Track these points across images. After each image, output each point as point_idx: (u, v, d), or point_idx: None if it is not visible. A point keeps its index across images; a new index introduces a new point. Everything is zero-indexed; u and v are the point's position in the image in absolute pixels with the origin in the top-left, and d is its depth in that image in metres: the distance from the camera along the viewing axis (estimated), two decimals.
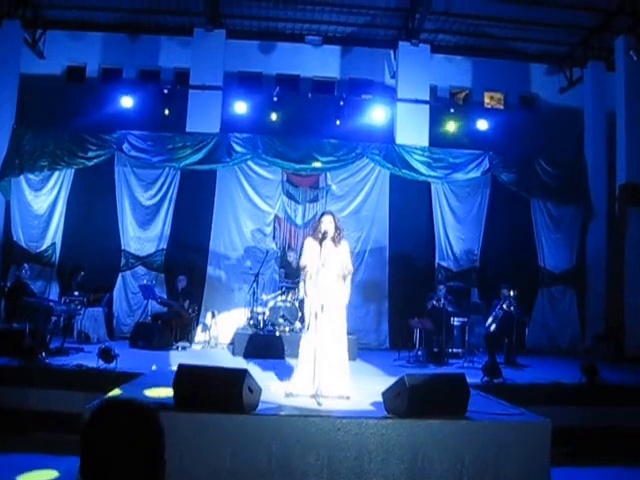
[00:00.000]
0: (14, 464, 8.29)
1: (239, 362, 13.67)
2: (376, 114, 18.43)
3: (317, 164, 18.33)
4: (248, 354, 14.66)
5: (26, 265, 15.71)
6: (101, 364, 11.40)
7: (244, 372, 7.38)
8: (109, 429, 2.46)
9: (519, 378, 12.55)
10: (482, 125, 18.54)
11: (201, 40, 19.11)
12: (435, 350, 14.95)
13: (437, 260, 18.87)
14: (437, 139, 18.93)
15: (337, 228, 9.41)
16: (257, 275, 16.59)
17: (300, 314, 15.02)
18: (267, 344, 14.91)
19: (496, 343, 14.77)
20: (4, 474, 7.86)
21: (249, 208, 18.57)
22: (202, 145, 18.01)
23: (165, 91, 18.07)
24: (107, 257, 18.08)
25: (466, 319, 16.10)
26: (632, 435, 10.47)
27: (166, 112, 17.87)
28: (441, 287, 16.21)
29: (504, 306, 14.96)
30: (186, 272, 17.41)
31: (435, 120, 18.99)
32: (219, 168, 18.43)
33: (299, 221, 18.52)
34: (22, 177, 18.02)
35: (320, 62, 20.26)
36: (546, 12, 18.25)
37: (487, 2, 18.00)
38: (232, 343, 15.93)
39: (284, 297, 16.03)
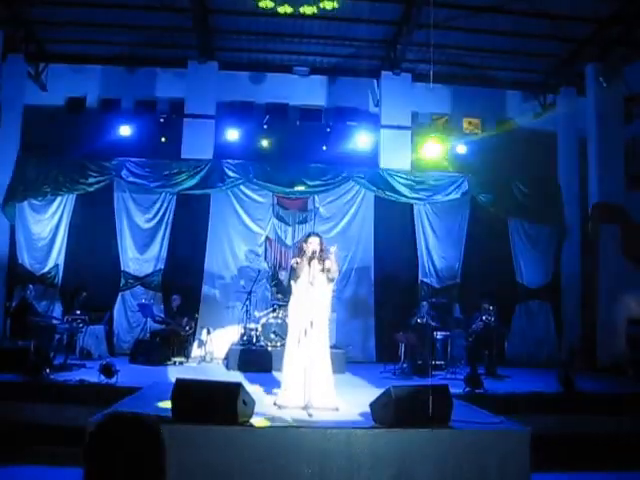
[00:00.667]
0: (19, 476, 8.26)
1: (233, 376, 13.63)
2: (361, 140, 18.54)
3: (305, 188, 18.39)
4: (242, 368, 14.66)
5: (31, 286, 15.75)
6: (102, 379, 11.40)
7: (239, 386, 7.37)
8: (112, 441, 2.46)
9: (499, 388, 12.59)
10: (461, 149, 18.69)
11: (195, 72, 19.20)
12: (419, 363, 14.91)
13: (420, 277, 18.91)
14: (419, 163, 19.04)
15: (322, 249, 9.43)
16: (250, 293, 16.62)
17: None
18: (260, 359, 14.90)
19: (477, 355, 14.80)
20: None
21: (242, 230, 18.60)
22: (196, 171, 18.05)
23: (161, 120, 18.23)
24: (107, 277, 18.07)
25: (448, 333, 16.11)
26: (607, 441, 10.48)
27: (162, 140, 17.97)
28: (424, 304, 16.31)
29: (483, 318, 15.02)
30: (179, 291, 17.35)
31: (417, 145, 19.08)
32: (213, 192, 18.47)
33: (289, 242, 18.54)
34: (26, 202, 18.04)
35: (308, 91, 20.32)
36: (521, 42, 18.42)
37: (465, 33, 18.11)
38: (226, 358, 15.91)
39: (275, 314, 16.00)
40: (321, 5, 17.11)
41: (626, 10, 16.81)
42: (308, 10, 17.35)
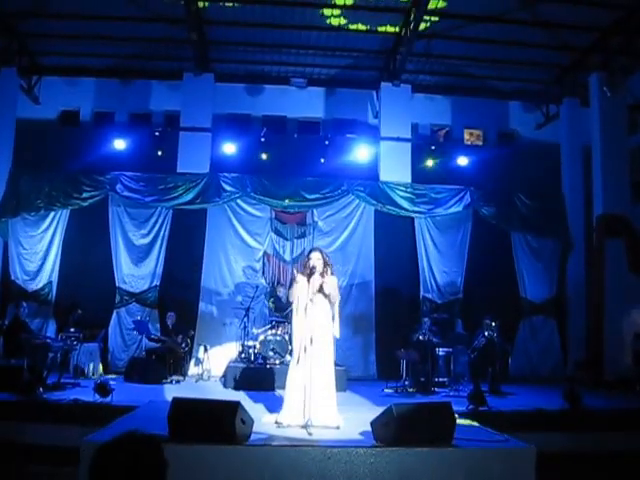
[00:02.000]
0: None
1: (231, 394, 13.61)
2: (360, 152, 18.54)
3: (304, 201, 18.40)
4: (240, 386, 14.59)
5: (24, 303, 15.71)
6: (97, 398, 11.37)
7: (236, 404, 7.34)
8: (118, 461, 2.45)
9: (503, 405, 12.52)
10: (462, 161, 18.69)
11: (190, 84, 19.27)
12: (421, 380, 14.90)
13: (422, 292, 18.88)
14: (419, 175, 19.06)
15: (325, 264, 9.39)
16: (248, 310, 16.55)
17: (290, 347, 14.99)
18: (258, 377, 14.84)
19: (480, 371, 14.76)
20: None
21: (239, 245, 18.59)
22: (193, 185, 18.10)
23: (156, 133, 18.24)
24: (102, 294, 18.01)
25: (451, 349, 16.04)
26: (614, 458, 10.45)
27: (159, 153, 17.96)
28: (426, 319, 16.22)
29: (486, 334, 15.00)
30: (176, 308, 17.35)
31: (417, 157, 19.13)
32: (209, 207, 18.47)
33: (287, 257, 18.56)
34: (19, 217, 18.03)
35: (305, 103, 20.41)
36: (522, 52, 18.46)
37: (465, 43, 18.16)
38: (224, 376, 15.82)
39: (274, 331, 15.96)
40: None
41: (628, 19, 16.87)
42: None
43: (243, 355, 16.04)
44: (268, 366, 15.23)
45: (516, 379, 16.97)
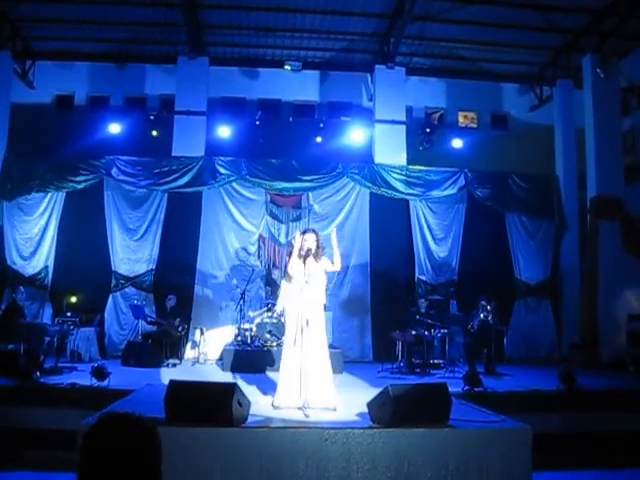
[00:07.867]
0: None
1: (228, 377, 13.60)
2: (355, 135, 18.51)
3: (299, 184, 18.36)
4: (236, 369, 14.56)
5: (22, 288, 15.65)
6: (94, 382, 11.32)
7: (233, 386, 7.33)
8: (108, 443, 2.41)
9: (499, 386, 12.51)
10: (457, 143, 18.67)
11: (185, 68, 19.20)
12: (417, 361, 14.91)
13: (417, 274, 18.82)
14: (414, 158, 19.01)
15: (319, 246, 9.37)
16: (243, 292, 16.53)
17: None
18: (254, 359, 14.84)
19: (475, 353, 14.76)
20: None
21: (234, 228, 18.53)
22: (188, 169, 18.04)
23: (151, 117, 18.14)
24: (98, 278, 17.95)
25: (446, 331, 16.05)
26: (609, 438, 10.46)
27: (154, 133, 17.85)
28: (422, 301, 16.18)
29: (481, 315, 14.99)
30: (175, 291, 17.26)
31: (412, 139, 19.05)
32: (204, 190, 18.42)
33: (283, 240, 18.47)
34: (14, 202, 17.96)
35: (300, 86, 20.40)
36: (516, 34, 18.42)
37: (459, 25, 18.11)
38: (221, 359, 15.85)
39: (270, 313, 15.93)
40: None
41: (621, 1, 16.83)
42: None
43: (239, 338, 16.03)
44: (265, 349, 15.24)
45: (511, 360, 17.03)
